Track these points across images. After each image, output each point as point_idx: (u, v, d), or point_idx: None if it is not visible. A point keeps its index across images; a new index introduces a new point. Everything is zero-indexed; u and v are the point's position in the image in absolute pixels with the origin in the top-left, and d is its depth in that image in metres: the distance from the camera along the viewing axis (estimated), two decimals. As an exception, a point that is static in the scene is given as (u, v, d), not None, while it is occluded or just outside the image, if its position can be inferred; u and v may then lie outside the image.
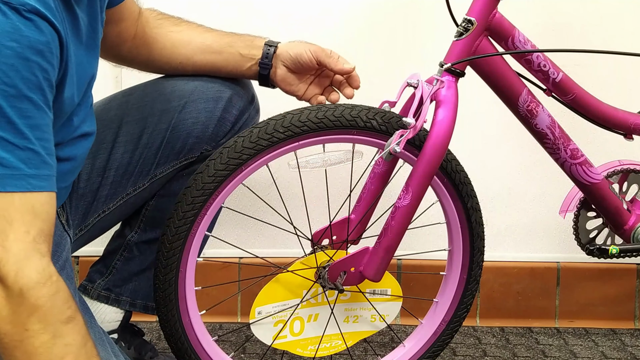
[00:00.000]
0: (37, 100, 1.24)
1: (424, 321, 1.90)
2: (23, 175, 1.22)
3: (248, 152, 1.65)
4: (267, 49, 1.80)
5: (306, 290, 1.77)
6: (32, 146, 1.23)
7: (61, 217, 1.63)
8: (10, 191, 1.20)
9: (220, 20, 1.93)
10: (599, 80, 2.17)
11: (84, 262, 2.28)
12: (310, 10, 2.23)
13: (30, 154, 1.23)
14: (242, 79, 1.84)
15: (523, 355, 2.20)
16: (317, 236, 1.80)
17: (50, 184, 1.26)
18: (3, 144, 1.21)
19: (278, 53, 1.80)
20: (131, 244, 1.84)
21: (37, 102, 1.24)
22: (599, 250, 2.00)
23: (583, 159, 1.87)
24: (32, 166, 1.23)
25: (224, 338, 2.23)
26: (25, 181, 1.22)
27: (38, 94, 1.24)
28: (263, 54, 1.80)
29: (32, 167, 1.23)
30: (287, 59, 1.79)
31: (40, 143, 1.24)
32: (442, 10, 1.80)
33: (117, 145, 1.77)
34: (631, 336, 2.33)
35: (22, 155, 1.22)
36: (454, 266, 1.87)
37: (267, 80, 1.82)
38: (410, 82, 1.68)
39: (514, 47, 1.76)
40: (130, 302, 1.88)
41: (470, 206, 1.82)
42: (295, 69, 1.81)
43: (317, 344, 1.81)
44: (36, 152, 1.23)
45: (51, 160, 1.26)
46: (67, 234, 1.63)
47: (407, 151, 1.73)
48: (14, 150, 1.21)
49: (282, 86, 1.82)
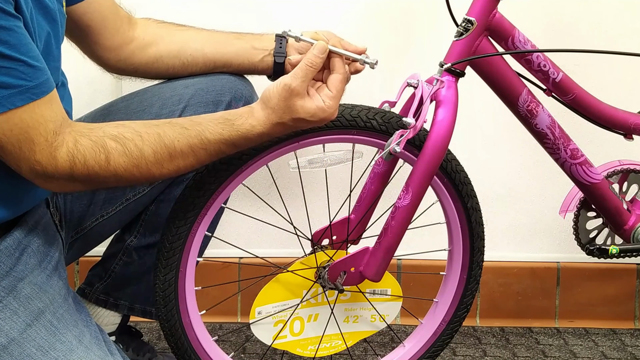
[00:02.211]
0: (7, 25, 1.31)
1: (424, 321, 1.90)
2: (25, 89, 1.34)
3: (248, 152, 1.65)
4: (279, 39, 1.82)
5: (306, 290, 1.77)
6: (23, 62, 1.33)
7: (54, 217, 1.62)
8: (20, 105, 1.34)
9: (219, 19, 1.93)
10: (599, 80, 2.17)
11: (83, 263, 2.28)
12: (310, 10, 2.23)
13: (26, 68, 1.33)
14: (243, 82, 1.83)
15: (523, 355, 2.20)
16: (317, 236, 1.80)
17: (49, 86, 1.38)
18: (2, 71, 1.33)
19: (291, 42, 1.82)
20: (130, 248, 1.84)
21: (8, 26, 1.31)
22: (599, 250, 2.00)
23: (583, 159, 1.87)
24: (31, 79, 1.34)
25: (224, 338, 2.23)
26: (30, 93, 1.34)
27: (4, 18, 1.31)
28: (277, 44, 1.81)
29: (30, 80, 1.34)
30: (302, 46, 1.80)
31: (28, 56, 1.34)
32: (442, 10, 1.80)
33: None
34: (631, 336, 2.33)
35: (18, 74, 1.33)
36: (454, 266, 1.87)
37: (281, 70, 1.82)
38: (410, 82, 1.68)
39: (514, 47, 1.76)
40: (129, 307, 1.87)
41: (470, 206, 1.82)
42: None
43: (317, 344, 1.81)
44: (30, 65, 1.34)
45: (41, 64, 1.37)
46: (60, 234, 1.63)
47: (407, 151, 1.73)
48: (10, 71, 1.32)
49: None
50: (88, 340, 1.45)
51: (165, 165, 1.46)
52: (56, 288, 1.47)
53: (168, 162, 1.46)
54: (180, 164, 1.47)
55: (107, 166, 1.41)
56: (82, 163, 1.40)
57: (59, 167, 1.39)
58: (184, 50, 1.81)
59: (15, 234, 1.46)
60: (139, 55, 1.80)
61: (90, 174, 1.41)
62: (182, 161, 1.47)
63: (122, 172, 1.43)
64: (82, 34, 1.74)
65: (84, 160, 1.40)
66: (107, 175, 1.42)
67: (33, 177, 1.39)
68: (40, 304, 1.43)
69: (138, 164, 1.43)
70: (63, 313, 1.45)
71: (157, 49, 1.80)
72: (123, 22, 1.78)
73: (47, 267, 1.48)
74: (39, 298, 1.43)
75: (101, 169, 1.41)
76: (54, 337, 1.41)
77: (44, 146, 1.37)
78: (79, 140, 1.40)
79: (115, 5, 1.77)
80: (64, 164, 1.39)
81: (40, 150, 1.37)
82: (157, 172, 1.46)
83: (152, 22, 1.83)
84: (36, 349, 1.40)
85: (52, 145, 1.37)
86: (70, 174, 1.40)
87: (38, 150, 1.37)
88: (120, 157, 1.42)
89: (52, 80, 1.39)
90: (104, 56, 1.78)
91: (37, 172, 1.38)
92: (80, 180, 1.41)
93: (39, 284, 1.45)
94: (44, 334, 1.41)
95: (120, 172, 1.43)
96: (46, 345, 1.40)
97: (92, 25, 1.73)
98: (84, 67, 1.82)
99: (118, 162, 1.42)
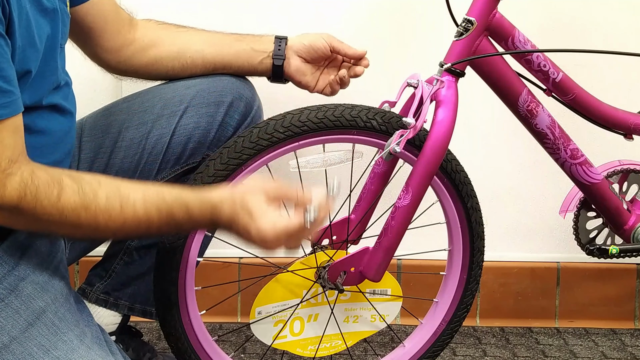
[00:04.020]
0: None
1: (424, 321, 1.90)
2: None
3: (248, 152, 1.65)
4: (279, 41, 1.82)
5: (306, 290, 1.77)
6: None
7: None
8: None
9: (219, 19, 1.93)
10: (599, 80, 2.17)
11: (83, 263, 2.28)
12: (311, 10, 2.23)
13: None
14: (244, 83, 1.83)
15: (523, 355, 2.20)
16: (317, 236, 1.80)
17: (13, 109, 1.33)
18: None
19: (290, 44, 1.82)
20: (131, 248, 1.84)
21: None
22: (599, 250, 2.00)
23: (583, 159, 1.87)
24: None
25: (224, 338, 2.23)
26: None
27: None
28: (275, 46, 1.82)
29: None
30: (301, 49, 1.82)
31: None
32: (442, 10, 1.80)
33: (117, 150, 1.77)
34: (631, 336, 2.33)
35: None
36: (454, 266, 1.87)
37: (280, 72, 1.82)
38: (410, 82, 1.69)
39: (514, 47, 1.76)
40: (129, 307, 1.87)
41: (470, 206, 1.82)
42: (310, 58, 1.83)
43: (317, 344, 1.81)
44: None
45: (10, 86, 1.32)
46: None
47: (407, 151, 1.73)
48: None
49: (296, 77, 1.84)
50: (89, 340, 1.45)
51: (113, 214, 1.39)
52: (58, 288, 1.47)
53: (117, 214, 1.39)
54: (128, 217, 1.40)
55: (56, 202, 1.36)
56: (32, 195, 1.34)
57: (5, 196, 1.33)
58: (183, 52, 1.81)
59: (17, 234, 1.46)
60: (139, 57, 1.80)
61: (36, 209, 1.35)
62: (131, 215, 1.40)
63: (70, 212, 1.36)
64: (84, 36, 1.74)
65: (35, 193, 1.34)
66: (53, 213, 1.36)
67: None
68: (42, 303, 1.43)
69: (88, 207, 1.38)
70: (65, 313, 1.45)
71: (157, 51, 1.80)
72: (124, 24, 1.78)
73: (49, 267, 1.48)
74: (41, 297, 1.43)
75: (50, 204, 1.35)
76: (56, 336, 1.42)
77: None
78: (36, 172, 1.36)
79: (116, 7, 1.77)
80: (13, 192, 1.33)
81: None
82: (102, 223, 1.39)
83: (152, 23, 1.83)
84: (38, 347, 1.40)
85: (4, 172, 1.32)
86: (15, 206, 1.34)
87: None
88: (73, 194, 1.37)
89: (19, 106, 1.35)
90: (104, 57, 1.78)
91: None
92: (24, 214, 1.35)
93: (40, 284, 1.45)
94: (45, 333, 1.41)
95: (67, 212, 1.36)
96: (48, 344, 1.41)
97: (93, 27, 1.73)
98: (84, 67, 1.83)
99: (70, 199, 1.36)
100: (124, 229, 1.41)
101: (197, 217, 1.44)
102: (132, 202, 1.40)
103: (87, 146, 1.77)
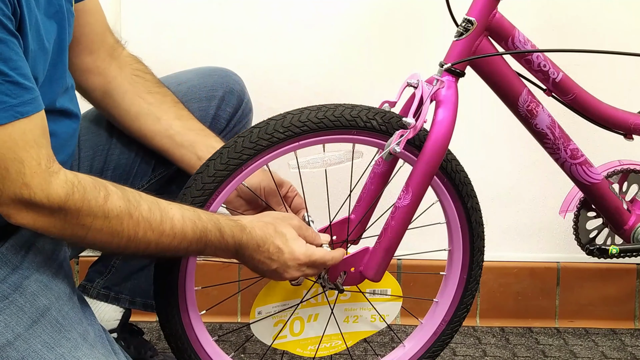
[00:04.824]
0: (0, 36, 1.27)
1: (424, 321, 1.90)
2: (9, 107, 1.28)
3: (248, 152, 1.65)
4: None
5: (306, 290, 1.77)
6: (9, 78, 1.28)
7: None
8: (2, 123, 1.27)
9: (223, 22, 1.93)
10: (599, 80, 2.17)
11: (83, 262, 2.28)
12: (311, 10, 2.24)
13: (10, 85, 1.28)
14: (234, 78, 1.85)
15: (523, 355, 2.20)
16: (317, 236, 1.79)
17: (36, 105, 1.31)
18: None
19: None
20: None
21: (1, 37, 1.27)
22: (599, 250, 2.00)
23: (583, 159, 1.87)
24: (15, 96, 1.28)
25: (224, 338, 2.23)
26: (13, 111, 1.28)
27: None
28: None
29: (15, 97, 1.28)
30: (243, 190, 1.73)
31: (16, 72, 1.29)
32: (442, 10, 1.80)
33: (113, 147, 1.77)
34: (631, 336, 2.33)
35: (3, 89, 1.28)
36: (454, 266, 1.87)
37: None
38: (410, 82, 1.68)
39: (514, 47, 1.76)
40: (130, 300, 1.88)
41: (470, 206, 1.82)
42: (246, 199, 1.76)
43: (317, 344, 1.81)
44: (15, 83, 1.29)
45: (30, 83, 1.31)
46: None
47: (407, 151, 1.73)
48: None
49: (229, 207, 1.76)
50: (92, 338, 1.46)
51: (154, 224, 1.40)
52: (62, 286, 1.48)
53: (157, 225, 1.40)
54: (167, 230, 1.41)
55: (103, 204, 1.34)
56: (80, 194, 1.32)
57: (51, 194, 1.30)
58: (134, 128, 1.73)
59: (21, 232, 1.46)
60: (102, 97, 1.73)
61: (82, 209, 1.33)
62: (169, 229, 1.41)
63: (114, 216, 1.35)
64: None
65: (83, 192, 1.33)
66: (98, 216, 1.34)
67: (11, 204, 1.30)
68: (46, 301, 1.43)
69: (132, 213, 1.37)
70: (68, 311, 1.46)
71: (112, 105, 1.73)
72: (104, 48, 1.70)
73: (53, 265, 1.48)
74: (45, 295, 1.44)
75: (97, 206, 1.34)
76: (60, 333, 1.42)
77: (36, 169, 1.30)
78: (78, 174, 1.35)
79: (104, 28, 1.71)
80: (60, 190, 1.31)
81: (32, 173, 1.29)
82: (141, 232, 1.39)
83: (131, 68, 1.74)
84: (42, 345, 1.40)
85: (48, 170, 1.31)
86: (61, 205, 1.31)
87: (29, 173, 1.29)
88: (119, 199, 1.36)
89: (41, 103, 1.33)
90: None
91: (21, 197, 1.30)
92: (68, 215, 1.32)
93: (44, 282, 1.45)
94: (49, 330, 1.42)
95: (112, 216, 1.35)
96: (52, 341, 1.41)
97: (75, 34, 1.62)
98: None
99: (116, 203, 1.36)
100: (158, 242, 1.41)
101: (227, 236, 1.48)
102: (171, 215, 1.42)
103: (85, 145, 1.77)
